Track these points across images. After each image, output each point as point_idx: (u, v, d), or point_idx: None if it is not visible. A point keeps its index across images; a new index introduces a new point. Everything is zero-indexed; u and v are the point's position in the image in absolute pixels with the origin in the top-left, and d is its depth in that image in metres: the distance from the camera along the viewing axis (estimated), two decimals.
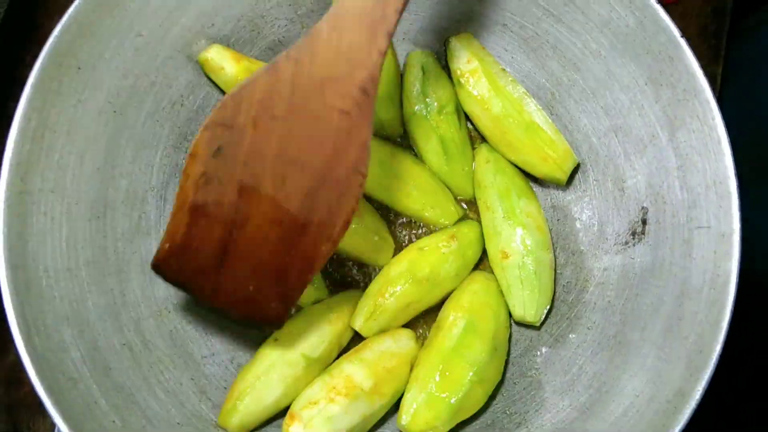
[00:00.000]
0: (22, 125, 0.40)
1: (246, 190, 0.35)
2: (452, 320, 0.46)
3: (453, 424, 0.44)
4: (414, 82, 0.50)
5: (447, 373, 0.43)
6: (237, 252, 0.36)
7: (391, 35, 0.34)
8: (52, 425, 0.54)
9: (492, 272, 0.49)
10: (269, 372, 0.43)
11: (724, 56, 0.61)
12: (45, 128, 0.41)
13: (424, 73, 0.49)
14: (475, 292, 0.47)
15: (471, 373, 0.43)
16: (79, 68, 0.42)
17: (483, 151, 0.51)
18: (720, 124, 0.41)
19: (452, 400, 0.42)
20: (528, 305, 0.47)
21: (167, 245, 0.36)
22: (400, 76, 0.51)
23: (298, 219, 0.36)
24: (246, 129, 0.34)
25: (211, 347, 0.47)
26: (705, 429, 0.41)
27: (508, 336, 0.47)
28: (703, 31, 0.41)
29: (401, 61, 0.52)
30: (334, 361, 0.46)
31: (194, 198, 0.35)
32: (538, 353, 0.48)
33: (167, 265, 0.36)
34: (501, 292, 0.48)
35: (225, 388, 0.46)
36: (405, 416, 0.43)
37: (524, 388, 0.47)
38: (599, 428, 0.41)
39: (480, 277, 0.49)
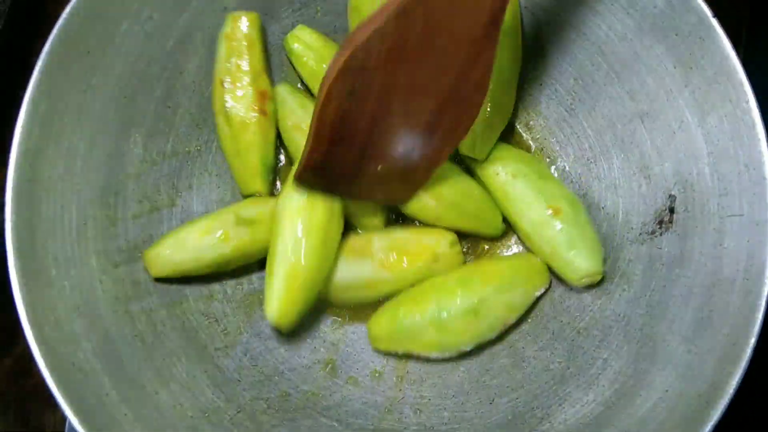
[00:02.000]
0: (31, 111, 0.39)
1: (378, 118, 0.39)
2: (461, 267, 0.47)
3: (399, 346, 0.45)
4: None
5: (418, 300, 0.45)
6: (370, 164, 0.42)
7: None
8: (63, 416, 0.53)
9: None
10: None
11: (744, 42, 0.59)
12: (54, 114, 0.40)
13: None
14: (498, 260, 0.47)
15: (437, 316, 0.44)
16: (88, 52, 0.41)
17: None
18: (754, 108, 0.39)
19: (405, 322, 0.44)
20: (593, 254, 0.45)
21: (308, 164, 0.41)
22: None
23: (425, 132, 0.41)
24: (377, 71, 0.37)
25: (225, 339, 0.46)
26: (737, 424, 0.39)
27: (503, 319, 0.45)
28: (723, 16, 0.40)
29: None
30: None
31: (331, 132, 0.39)
32: (561, 346, 0.46)
33: (307, 178, 0.42)
34: (531, 278, 0.46)
35: (239, 380, 0.45)
36: (372, 319, 0.46)
37: (546, 382, 0.45)
38: (626, 423, 0.40)
39: (522, 258, 0.48)
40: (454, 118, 0.41)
